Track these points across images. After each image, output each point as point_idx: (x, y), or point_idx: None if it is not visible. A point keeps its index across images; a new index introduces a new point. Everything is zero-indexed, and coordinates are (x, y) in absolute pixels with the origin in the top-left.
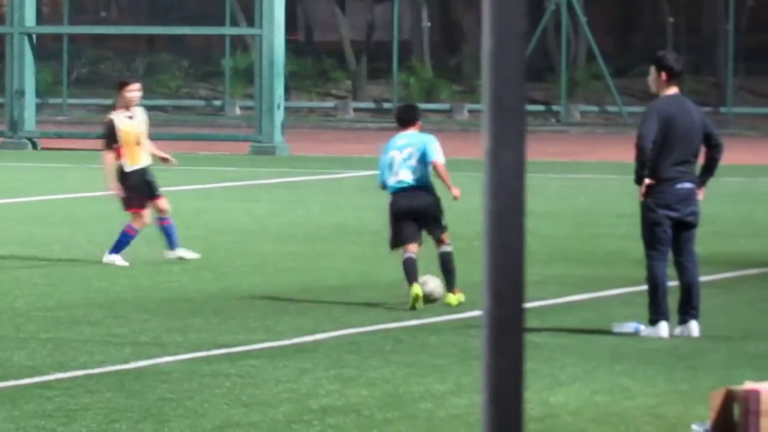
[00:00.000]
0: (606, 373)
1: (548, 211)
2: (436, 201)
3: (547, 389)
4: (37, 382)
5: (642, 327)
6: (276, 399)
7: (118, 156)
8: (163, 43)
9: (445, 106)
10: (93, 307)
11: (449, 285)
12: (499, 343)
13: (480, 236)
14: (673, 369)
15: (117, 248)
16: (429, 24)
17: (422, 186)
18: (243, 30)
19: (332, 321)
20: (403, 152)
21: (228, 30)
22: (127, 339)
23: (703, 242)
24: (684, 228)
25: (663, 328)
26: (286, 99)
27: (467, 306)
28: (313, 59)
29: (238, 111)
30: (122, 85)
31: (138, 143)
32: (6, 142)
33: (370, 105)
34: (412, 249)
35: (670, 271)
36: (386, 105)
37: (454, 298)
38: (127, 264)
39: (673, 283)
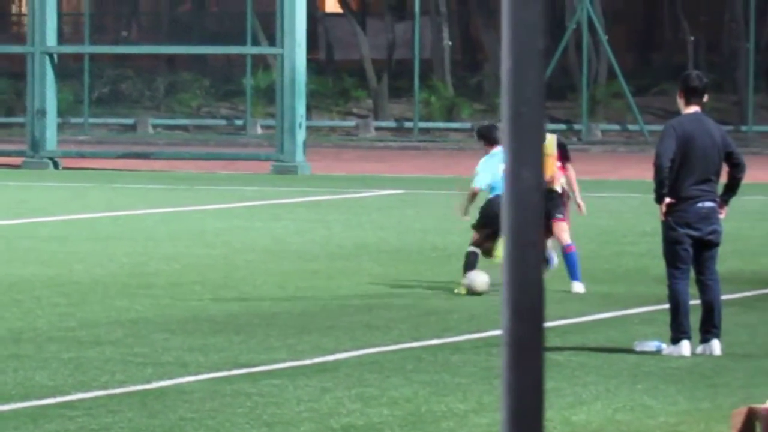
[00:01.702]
0: (628, 392)
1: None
2: None
3: (569, 408)
4: (59, 402)
5: (664, 345)
6: (297, 418)
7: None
8: (184, 62)
9: (466, 124)
10: (114, 326)
11: None
12: (519, 362)
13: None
14: (695, 387)
15: (576, 273)
16: (450, 43)
17: None
18: (264, 49)
19: (353, 340)
20: None
21: (249, 49)
22: (148, 359)
23: (724, 261)
24: (705, 247)
25: (685, 347)
26: (307, 118)
27: (488, 324)
28: (334, 78)
29: (259, 130)
30: None
31: None
32: (27, 161)
33: (392, 124)
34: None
35: (692, 289)
36: (407, 124)
37: None
38: (583, 291)
39: (694, 302)
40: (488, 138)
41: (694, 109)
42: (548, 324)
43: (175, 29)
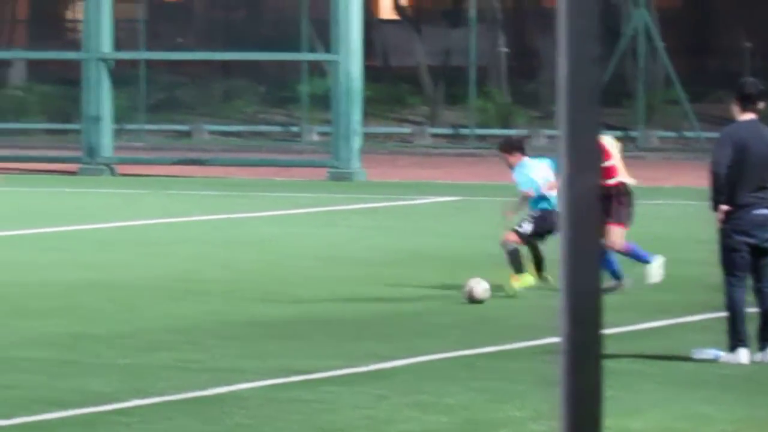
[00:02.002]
0: (685, 400)
1: (626, 237)
2: None
3: (626, 416)
4: (116, 409)
5: (721, 353)
6: (353, 426)
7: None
8: (239, 68)
9: (522, 131)
10: (170, 333)
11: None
12: (577, 369)
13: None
14: (753, 395)
15: (645, 256)
16: (506, 49)
17: None
18: (320, 56)
19: (410, 347)
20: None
21: (304, 56)
22: (204, 365)
23: None
24: (762, 254)
25: (743, 355)
26: (363, 125)
27: (545, 331)
28: (390, 85)
29: (315, 137)
30: None
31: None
32: (83, 168)
33: (447, 130)
34: None
35: (749, 297)
36: (463, 131)
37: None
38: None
39: (752, 310)
40: (523, 148)
41: (749, 116)
42: (605, 331)
43: (230, 35)
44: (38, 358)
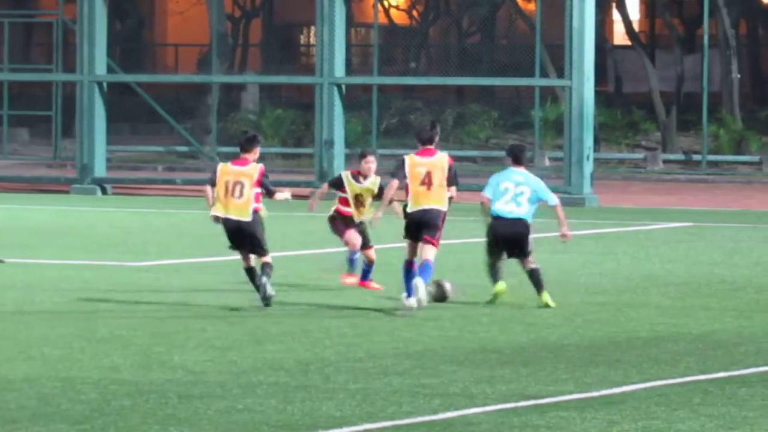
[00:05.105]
0: None
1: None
2: (527, 233)
3: None
4: None
5: None
6: None
7: None
8: (473, 93)
9: (755, 158)
10: (401, 357)
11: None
12: None
13: None
14: None
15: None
16: (739, 76)
17: (522, 219)
18: (553, 81)
19: (641, 373)
20: (518, 188)
21: (537, 81)
22: (435, 390)
23: None
24: None
25: None
26: (596, 150)
27: None
28: (623, 110)
29: (546, 162)
30: None
31: None
32: (315, 191)
33: (680, 156)
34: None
35: None
36: (695, 157)
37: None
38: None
39: None
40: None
41: None
42: None
43: (463, 61)
44: (271, 382)
